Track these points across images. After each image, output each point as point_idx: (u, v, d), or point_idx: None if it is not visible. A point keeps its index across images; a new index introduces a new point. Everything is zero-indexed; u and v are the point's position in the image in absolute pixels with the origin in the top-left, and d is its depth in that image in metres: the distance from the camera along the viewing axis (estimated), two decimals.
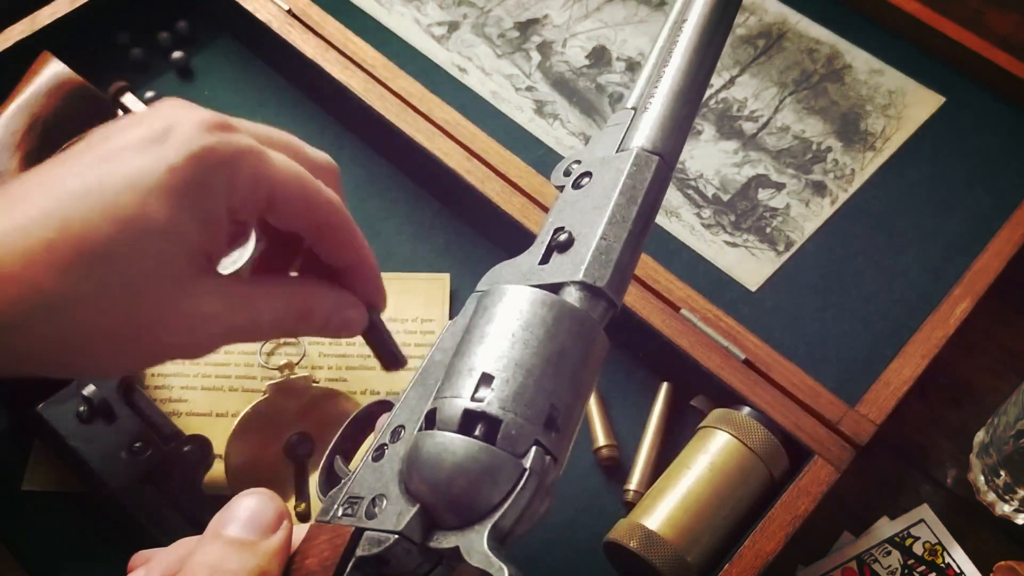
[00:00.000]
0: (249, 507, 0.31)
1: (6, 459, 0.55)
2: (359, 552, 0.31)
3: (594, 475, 0.57)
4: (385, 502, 0.32)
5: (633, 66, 0.72)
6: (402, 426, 0.35)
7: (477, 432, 0.31)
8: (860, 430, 0.53)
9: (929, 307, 0.59)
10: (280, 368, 0.57)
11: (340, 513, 0.33)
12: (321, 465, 0.38)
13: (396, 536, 0.31)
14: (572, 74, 0.71)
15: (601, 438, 0.57)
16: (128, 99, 0.67)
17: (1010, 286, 0.61)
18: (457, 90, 0.70)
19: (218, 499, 0.52)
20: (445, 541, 0.31)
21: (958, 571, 0.56)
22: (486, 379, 0.32)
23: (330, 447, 0.39)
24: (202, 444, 0.52)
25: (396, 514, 0.31)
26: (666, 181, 0.38)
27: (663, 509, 0.51)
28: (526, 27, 0.74)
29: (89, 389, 0.52)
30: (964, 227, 0.65)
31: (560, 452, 0.33)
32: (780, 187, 0.66)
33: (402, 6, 0.75)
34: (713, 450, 0.53)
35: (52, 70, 0.62)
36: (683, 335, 0.57)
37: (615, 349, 0.61)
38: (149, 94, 0.69)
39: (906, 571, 0.56)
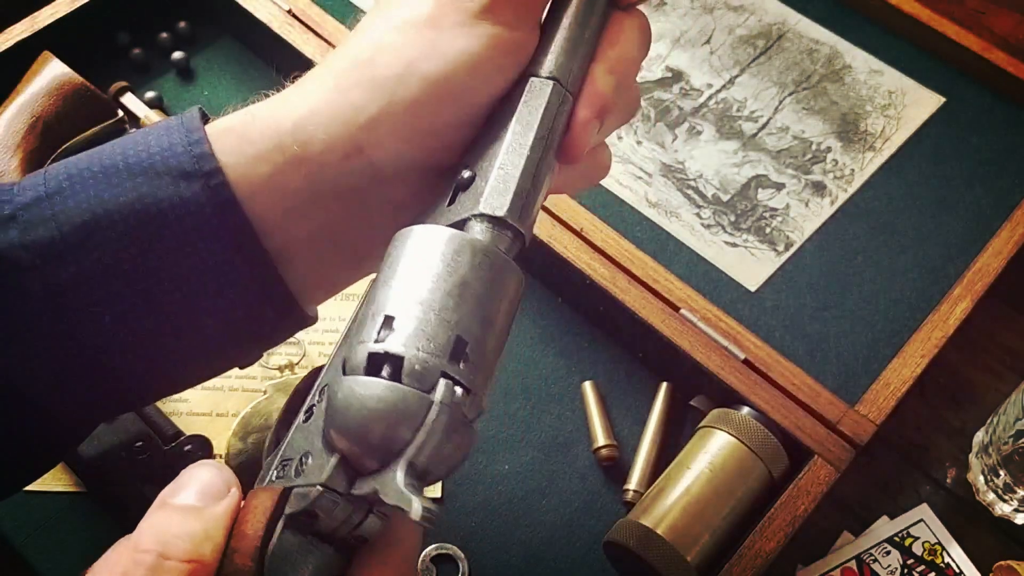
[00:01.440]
0: (197, 477, 0.31)
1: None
2: (288, 510, 0.31)
3: (594, 475, 0.57)
4: (311, 458, 0.32)
5: None
6: (328, 384, 0.34)
7: (383, 373, 0.31)
8: (860, 430, 0.53)
9: (929, 307, 0.59)
10: (280, 368, 0.57)
11: (274, 476, 0.33)
12: (267, 440, 0.38)
13: (319, 488, 0.30)
14: None
15: (601, 438, 0.57)
16: (128, 99, 0.67)
17: (1010, 286, 0.61)
18: None
19: None
20: (365, 486, 0.31)
21: (957, 571, 0.56)
22: (388, 321, 0.32)
23: (276, 422, 0.39)
24: (202, 444, 0.52)
25: (319, 468, 0.31)
26: (565, 103, 0.37)
27: (663, 509, 0.51)
28: None
29: None
30: (964, 227, 0.65)
31: (475, 383, 0.32)
32: (780, 187, 0.66)
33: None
34: (713, 450, 0.53)
35: (52, 70, 0.62)
36: (683, 335, 0.57)
37: (615, 349, 0.61)
38: (149, 94, 0.69)
39: (906, 571, 0.56)
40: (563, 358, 0.61)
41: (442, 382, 0.31)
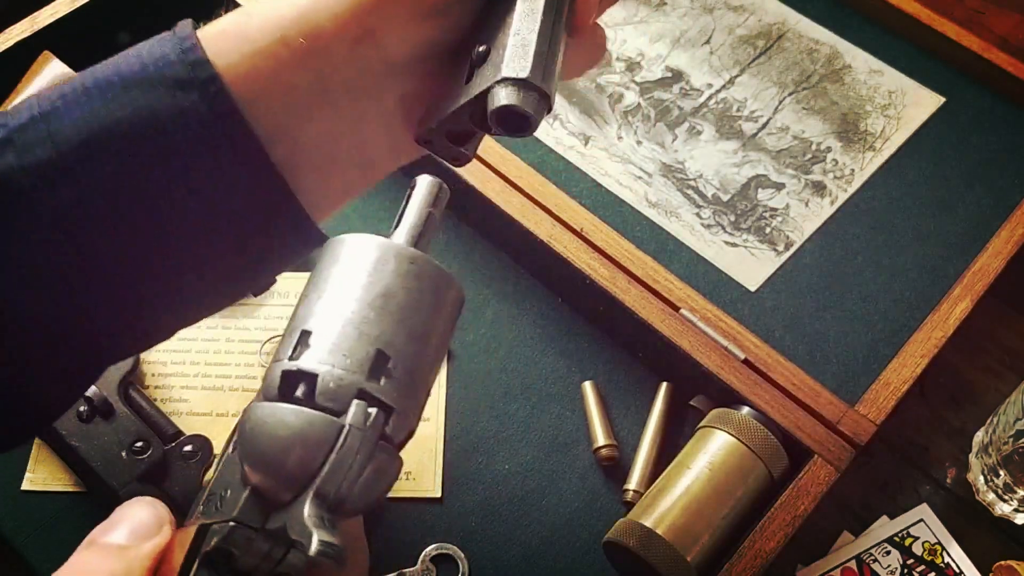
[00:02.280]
0: (130, 514, 0.30)
1: (6, 459, 0.55)
2: (205, 547, 0.29)
3: (594, 475, 0.57)
4: (229, 491, 0.30)
5: (633, 66, 0.72)
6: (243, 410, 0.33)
7: (299, 392, 0.29)
8: (860, 430, 0.53)
9: (929, 307, 0.59)
10: None
11: (199, 512, 0.31)
12: (213, 466, 0.37)
13: (231, 524, 0.29)
14: None
15: (601, 438, 0.57)
16: None
17: (1010, 286, 0.61)
18: None
19: None
20: (277, 520, 0.29)
21: (957, 571, 0.56)
22: (304, 336, 0.30)
23: (222, 449, 0.36)
24: (202, 444, 0.52)
25: (234, 502, 0.30)
26: None
27: (663, 509, 0.51)
28: None
29: (90, 389, 0.52)
30: (964, 227, 0.65)
31: (400, 400, 0.30)
32: (780, 187, 0.66)
33: None
34: (713, 450, 0.53)
35: (53, 70, 0.62)
36: (683, 335, 0.57)
37: (615, 349, 0.61)
38: None
39: (905, 571, 0.56)
40: (563, 358, 0.61)
41: (355, 403, 0.29)
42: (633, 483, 0.56)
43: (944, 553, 0.56)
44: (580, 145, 0.68)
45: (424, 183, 0.35)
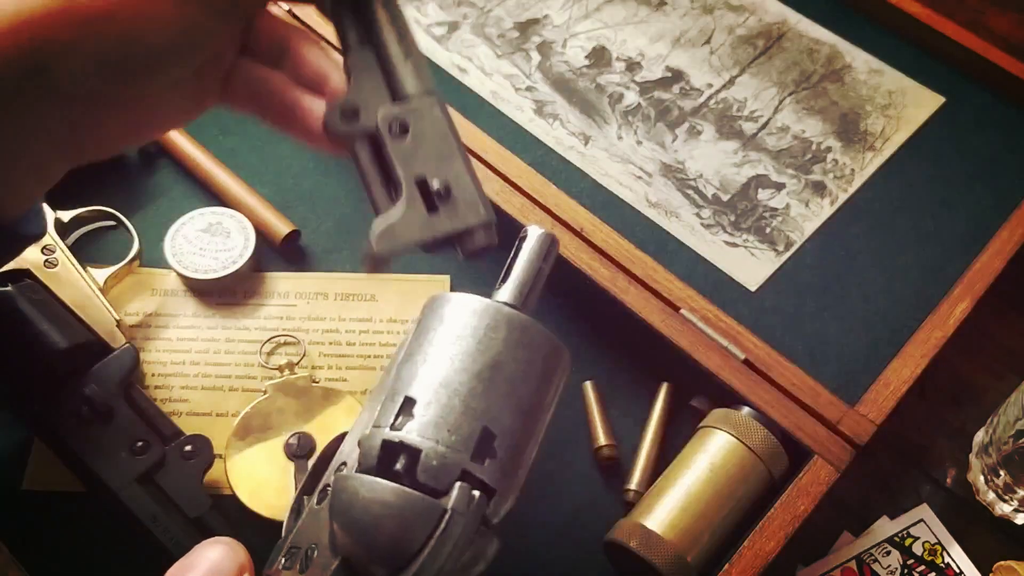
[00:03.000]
0: (210, 558, 0.29)
1: (6, 459, 0.55)
2: None
3: (594, 475, 0.57)
4: (316, 553, 0.29)
5: (633, 66, 0.72)
6: (344, 462, 0.32)
7: (399, 465, 0.28)
8: (860, 430, 0.53)
9: (929, 307, 0.59)
10: (280, 368, 0.57)
11: (282, 564, 0.31)
12: (288, 508, 0.35)
13: None
14: (572, 74, 0.71)
15: (601, 438, 0.57)
16: None
17: (1010, 286, 0.61)
18: (457, 90, 0.70)
19: (218, 499, 0.52)
20: None
21: (957, 571, 0.56)
22: (408, 404, 0.29)
23: (299, 488, 0.36)
24: (202, 444, 0.52)
25: (323, 567, 0.29)
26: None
27: (663, 509, 0.51)
28: (526, 27, 0.74)
29: (90, 389, 0.52)
30: (964, 227, 0.65)
31: (502, 482, 0.29)
32: (780, 187, 0.66)
33: (402, 6, 0.75)
34: (713, 450, 0.53)
35: None
36: (683, 335, 0.57)
37: (615, 349, 0.61)
38: None
39: (906, 571, 0.56)
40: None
41: (458, 485, 0.28)
42: (633, 483, 0.56)
43: (944, 553, 0.56)
44: (580, 145, 0.68)
45: (535, 236, 0.34)
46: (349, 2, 0.36)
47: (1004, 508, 0.57)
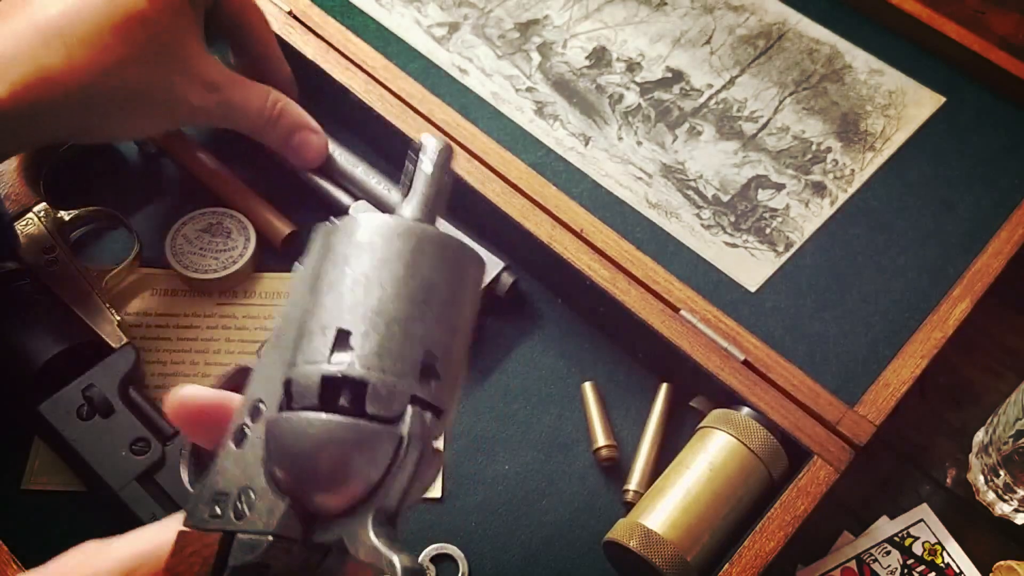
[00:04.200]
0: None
1: (6, 458, 0.55)
2: (232, 561, 0.27)
3: (593, 475, 0.57)
4: (254, 496, 0.28)
5: (633, 67, 0.72)
6: (261, 400, 0.30)
7: (342, 400, 0.27)
8: (859, 430, 0.53)
9: (928, 307, 0.59)
10: None
11: (207, 515, 0.29)
12: (186, 453, 0.33)
13: (271, 538, 0.27)
14: (572, 75, 0.71)
15: (601, 438, 0.57)
16: None
17: (1010, 286, 0.61)
18: (457, 91, 0.70)
19: None
20: (327, 534, 0.27)
21: (957, 571, 0.56)
22: (343, 336, 0.27)
23: (220, 442, 0.33)
24: None
25: (267, 511, 0.27)
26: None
27: (663, 509, 0.51)
28: (526, 28, 0.74)
29: (90, 388, 0.52)
30: (964, 227, 0.65)
31: (445, 402, 0.28)
32: (780, 187, 0.66)
33: (403, 7, 0.75)
34: (713, 450, 0.53)
35: None
36: (683, 336, 0.57)
37: (615, 349, 0.61)
38: None
39: (906, 571, 0.56)
40: (563, 358, 0.61)
41: (410, 410, 0.27)
42: (633, 483, 0.56)
43: (944, 553, 0.56)
44: (580, 146, 0.68)
45: (432, 147, 0.32)
46: None
47: (1004, 508, 0.57)
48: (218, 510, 0.28)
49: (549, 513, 0.55)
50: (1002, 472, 0.56)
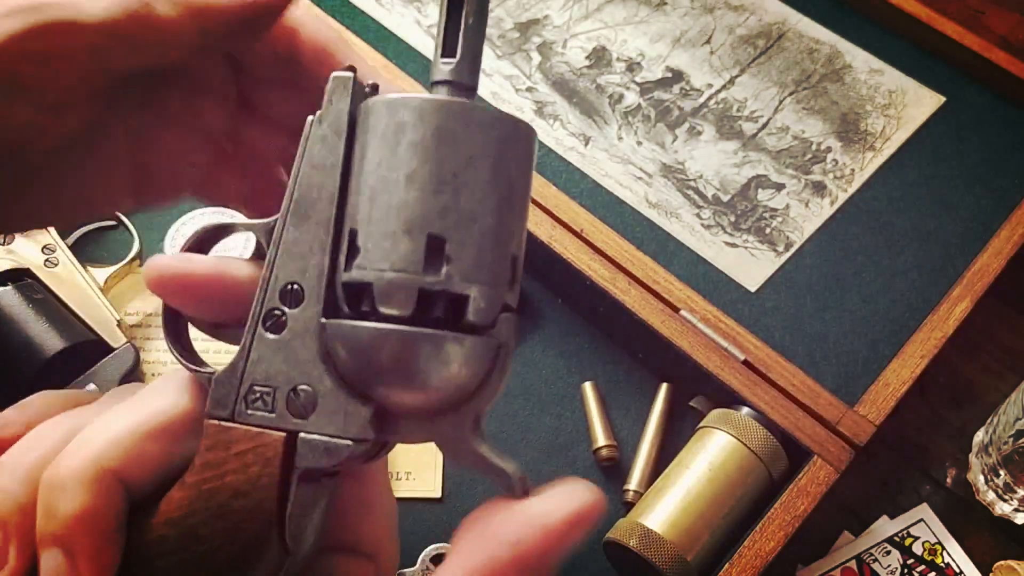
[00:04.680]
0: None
1: None
2: (301, 463, 0.25)
3: (594, 475, 0.57)
4: (315, 395, 0.26)
5: (633, 67, 0.72)
6: (295, 283, 0.27)
7: (437, 312, 0.25)
8: (859, 430, 0.53)
9: (928, 307, 0.59)
10: None
11: (246, 408, 0.26)
12: (162, 315, 0.30)
13: (350, 443, 0.25)
14: (572, 75, 0.71)
15: (601, 438, 0.57)
16: None
17: (1009, 286, 0.61)
18: None
19: None
20: (411, 436, 0.26)
21: (957, 570, 0.56)
22: (436, 243, 0.25)
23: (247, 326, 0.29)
24: None
25: (339, 413, 0.25)
26: None
27: (663, 509, 0.51)
28: (526, 28, 0.74)
29: (90, 388, 0.52)
30: (963, 227, 0.65)
31: (517, 299, 0.27)
32: (780, 187, 0.66)
33: (403, 7, 0.75)
34: (713, 450, 0.53)
35: None
36: (683, 336, 0.57)
37: (615, 349, 0.61)
38: None
39: (906, 570, 0.56)
40: (563, 358, 0.61)
41: (503, 318, 0.26)
42: (633, 483, 0.56)
43: (944, 553, 0.56)
44: (580, 146, 0.68)
45: None
46: None
47: (1004, 508, 0.57)
48: (262, 404, 0.26)
49: None
50: (1002, 472, 0.56)
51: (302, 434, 0.25)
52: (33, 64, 0.28)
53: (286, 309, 0.27)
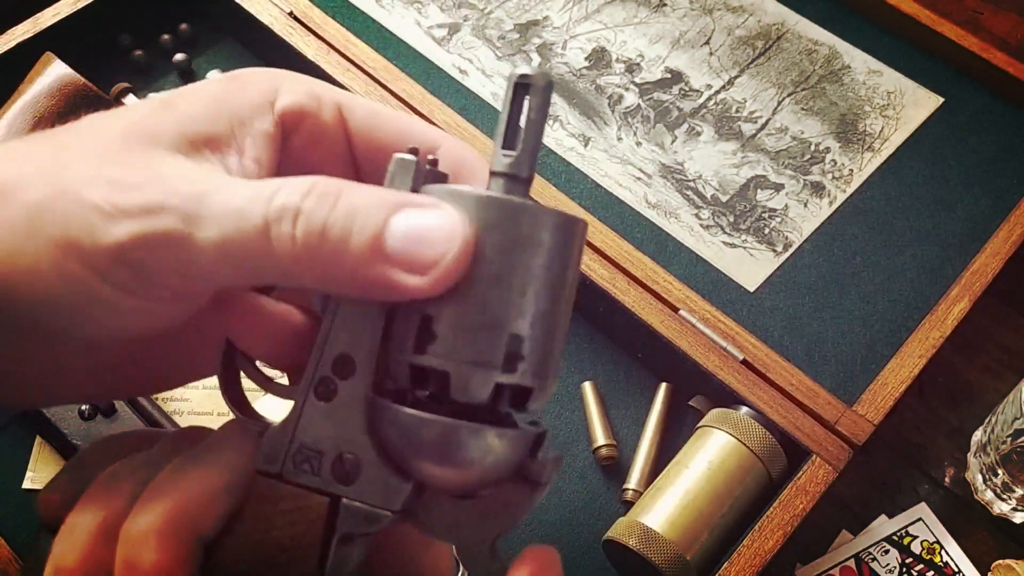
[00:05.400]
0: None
1: (7, 458, 0.55)
2: (342, 528, 0.27)
3: (593, 474, 0.57)
4: (359, 463, 0.27)
5: (632, 68, 0.72)
6: (348, 356, 0.28)
7: (502, 407, 0.27)
8: (858, 430, 0.54)
9: (927, 307, 0.60)
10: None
11: (293, 467, 0.27)
12: (220, 360, 0.30)
13: (390, 514, 0.27)
14: (572, 75, 0.72)
15: (600, 438, 0.57)
16: (130, 100, 0.68)
17: (1008, 286, 0.61)
18: (457, 92, 0.70)
19: None
20: (439, 529, 0.28)
21: (956, 569, 0.56)
22: (515, 341, 0.26)
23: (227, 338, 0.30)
24: None
25: (381, 484, 0.27)
26: None
27: (662, 508, 0.51)
28: (526, 29, 0.74)
29: None
30: (962, 227, 0.65)
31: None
32: (779, 188, 0.67)
33: (403, 8, 0.75)
34: (712, 450, 0.53)
35: (55, 71, 0.62)
36: (682, 336, 0.57)
37: (615, 349, 0.61)
38: (151, 96, 0.70)
39: (904, 569, 0.56)
40: (563, 358, 0.61)
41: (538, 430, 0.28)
42: (633, 483, 0.56)
43: (942, 552, 0.56)
44: (580, 146, 0.68)
45: (540, 83, 0.29)
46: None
47: (1002, 507, 0.57)
48: (308, 467, 0.27)
49: (549, 512, 0.56)
50: (1000, 471, 0.56)
51: (344, 500, 0.27)
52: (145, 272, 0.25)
53: (338, 380, 0.28)
